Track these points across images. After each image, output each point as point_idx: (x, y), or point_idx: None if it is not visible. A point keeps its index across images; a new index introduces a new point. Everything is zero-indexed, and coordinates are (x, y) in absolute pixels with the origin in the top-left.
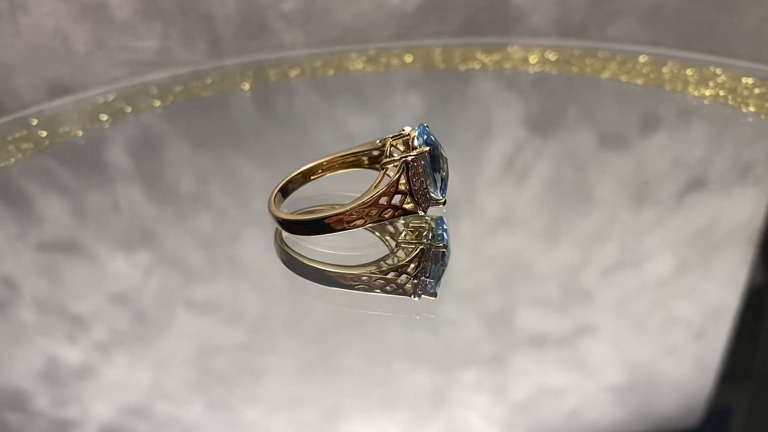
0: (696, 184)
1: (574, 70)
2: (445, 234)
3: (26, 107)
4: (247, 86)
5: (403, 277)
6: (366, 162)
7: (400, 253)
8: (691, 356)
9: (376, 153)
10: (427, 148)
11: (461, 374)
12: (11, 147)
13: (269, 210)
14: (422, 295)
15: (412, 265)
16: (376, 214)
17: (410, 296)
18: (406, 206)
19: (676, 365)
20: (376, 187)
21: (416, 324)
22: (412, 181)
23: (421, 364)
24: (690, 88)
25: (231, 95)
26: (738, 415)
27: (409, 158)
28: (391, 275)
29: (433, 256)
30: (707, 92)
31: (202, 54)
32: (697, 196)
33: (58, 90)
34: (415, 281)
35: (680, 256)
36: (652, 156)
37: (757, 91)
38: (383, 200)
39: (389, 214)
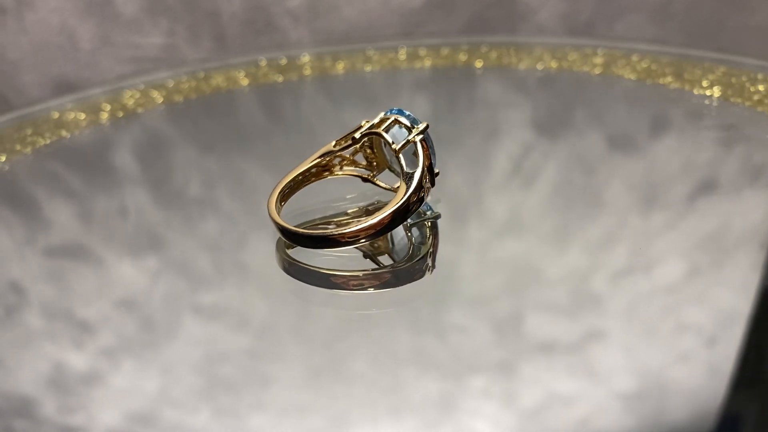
0: (707, 187)
1: (582, 69)
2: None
3: (32, 104)
4: (252, 86)
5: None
6: (313, 177)
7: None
8: (703, 363)
9: (324, 162)
10: (426, 123)
11: (469, 381)
12: (18, 145)
13: (273, 219)
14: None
15: (428, 245)
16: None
17: (428, 273)
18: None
19: (687, 372)
20: (410, 170)
21: (424, 330)
22: (427, 157)
23: (429, 370)
24: (700, 88)
25: (237, 95)
26: (751, 424)
27: (419, 137)
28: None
29: (431, 230)
30: (718, 92)
31: (207, 51)
32: (708, 199)
33: (63, 86)
34: (430, 260)
35: (691, 260)
36: (662, 158)
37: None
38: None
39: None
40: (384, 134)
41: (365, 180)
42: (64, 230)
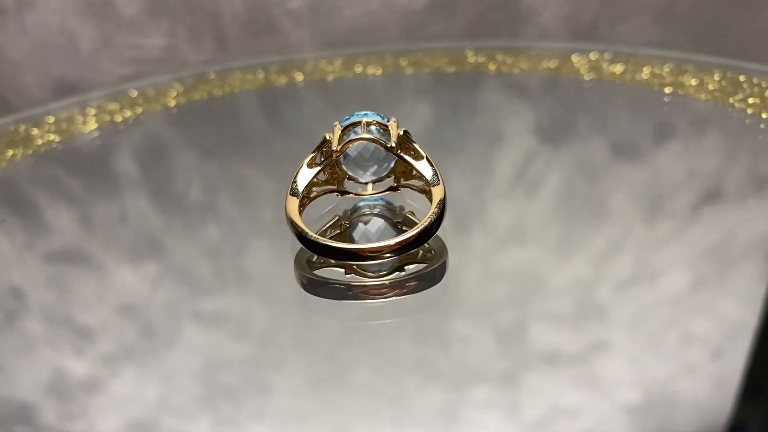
0: (712, 196)
1: (587, 75)
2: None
3: (32, 105)
4: (253, 90)
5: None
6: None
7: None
8: (710, 375)
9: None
10: (394, 118)
11: (472, 392)
12: (18, 148)
13: (297, 225)
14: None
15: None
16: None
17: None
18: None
19: (693, 384)
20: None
21: (427, 339)
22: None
23: (431, 381)
24: (705, 94)
25: (237, 99)
26: None
27: (401, 130)
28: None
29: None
30: (724, 98)
31: (208, 52)
32: (714, 209)
33: (64, 88)
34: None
35: (696, 270)
36: (667, 166)
37: None
38: None
39: None
40: (378, 138)
41: (342, 193)
42: (64, 235)
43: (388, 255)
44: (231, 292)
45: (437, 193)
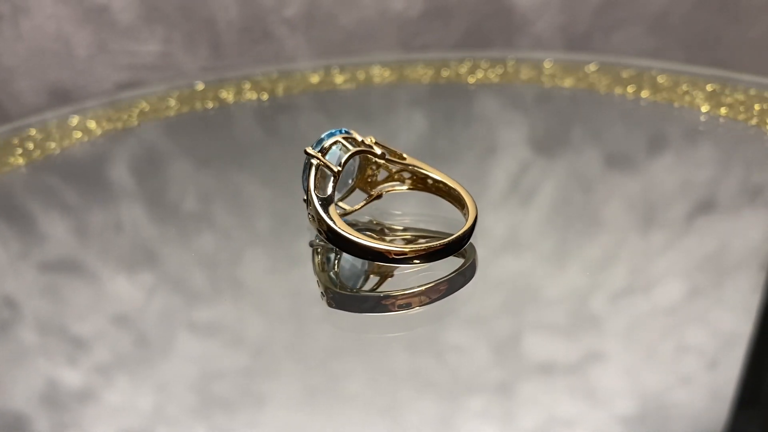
0: (705, 207)
1: (581, 85)
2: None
3: (28, 110)
4: (248, 100)
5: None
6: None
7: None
8: (705, 385)
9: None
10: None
11: (468, 402)
12: (12, 157)
13: (329, 218)
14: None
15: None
16: None
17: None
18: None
19: (689, 394)
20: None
21: (421, 349)
22: None
23: (426, 391)
24: (700, 105)
25: (233, 108)
26: None
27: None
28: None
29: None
30: (717, 109)
31: (203, 59)
32: (707, 219)
33: (59, 93)
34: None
35: (691, 281)
36: (661, 177)
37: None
38: None
39: None
40: (367, 149)
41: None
42: (58, 244)
43: (417, 261)
44: (226, 302)
45: (472, 208)
